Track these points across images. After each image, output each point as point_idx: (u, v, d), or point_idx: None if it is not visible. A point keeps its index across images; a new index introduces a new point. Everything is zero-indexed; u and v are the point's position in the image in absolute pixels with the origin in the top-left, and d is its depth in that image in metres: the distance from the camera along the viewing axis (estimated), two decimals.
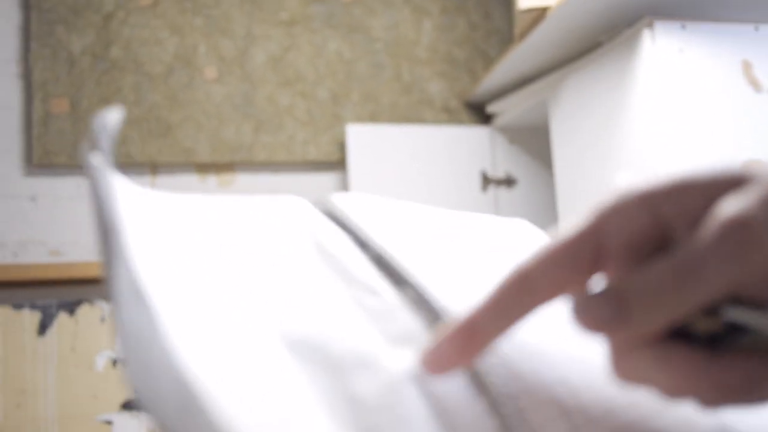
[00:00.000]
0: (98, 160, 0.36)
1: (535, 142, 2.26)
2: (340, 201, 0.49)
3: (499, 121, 2.24)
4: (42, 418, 1.80)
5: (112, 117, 0.39)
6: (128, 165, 2.06)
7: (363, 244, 0.44)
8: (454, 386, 0.36)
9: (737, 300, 0.27)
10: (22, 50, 2.05)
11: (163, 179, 2.12)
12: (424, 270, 0.43)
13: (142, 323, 0.31)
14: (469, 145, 2.22)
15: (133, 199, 0.40)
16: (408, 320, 0.39)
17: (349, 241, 0.45)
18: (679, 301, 0.26)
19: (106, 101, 2.05)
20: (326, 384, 0.36)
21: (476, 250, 0.50)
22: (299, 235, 0.45)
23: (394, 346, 0.38)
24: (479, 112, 2.34)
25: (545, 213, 2.22)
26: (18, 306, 1.85)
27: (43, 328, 1.86)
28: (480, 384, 0.36)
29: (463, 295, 0.41)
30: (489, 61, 2.37)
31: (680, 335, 0.28)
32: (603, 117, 1.65)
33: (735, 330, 0.27)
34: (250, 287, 0.40)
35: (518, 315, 0.30)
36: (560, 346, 0.38)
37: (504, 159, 2.24)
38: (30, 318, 1.85)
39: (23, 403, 1.81)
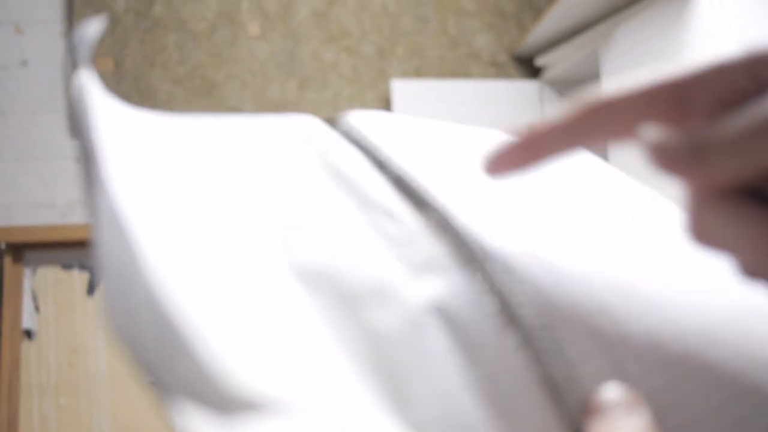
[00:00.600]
0: (82, 79, 0.33)
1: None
2: (357, 119, 0.44)
3: (548, 75, 2.18)
4: (93, 377, 1.83)
5: (90, 28, 0.36)
6: None
7: (381, 165, 0.41)
8: (480, 318, 0.33)
9: None
10: (65, 10, 2.04)
11: None
12: (448, 192, 0.39)
13: (121, 252, 0.29)
14: (517, 100, 2.17)
15: (120, 121, 0.37)
16: (431, 246, 0.36)
17: (366, 162, 0.41)
18: (763, 152, 0.25)
19: (149, 60, 2.04)
20: (340, 318, 0.34)
21: None
22: (309, 156, 0.41)
23: (415, 276, 0.35)
24: (528, 66, 2.28)
25: None
26: (67, 266, 1.87)
27: (92, 288, 1.88)
28: (510, 315, 0.33)
29: (491, 217, 0.38)
30: (538, 12, 2.30)
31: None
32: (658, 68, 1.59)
33: None
34: (252, 212, 0.38)
35: (589, 138, 0.29)
36: (600, 269, 0.35)
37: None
38: (79, 278, 1.88)
39: (75, 362, 1.84)
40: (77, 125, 0.32)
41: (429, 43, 2.22)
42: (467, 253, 0.35)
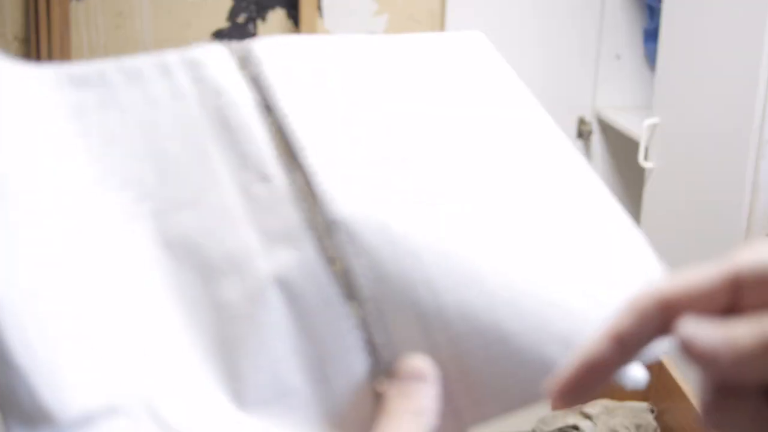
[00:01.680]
0: None
1: None
2: (263, 50, 0.43)
3: None
4: (140, 40, 1.90)
5: None
6: None
7: (269, 110, 0.40)
8: (318, 288, 0.36)
9: None
10: None
11: None
12: (323, 150, 0.39)
13: None
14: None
15: None
16: (290, 214, 0.37)
17: (254, 107, 0.40)
18: None
19: None
20: (194, 292, 0.35)
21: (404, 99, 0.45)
22: (195, 100, 0.40)
23: (269, 246, 0.36)
24: None
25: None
26: None
27: None
28: (346, 284, 0.36)
29: (357, 181, 0.38)
30: None
31: None
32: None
33: None
34: (127, 171, 0.38)
35: (611, 371, 0.30)
36: (437, 245, 0.37)
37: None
38: None
39: (122, 24, 1.89)
40: None
41: None
42: (321, 220, 0.37)
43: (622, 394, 1.48)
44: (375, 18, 2.01)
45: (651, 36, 1.98)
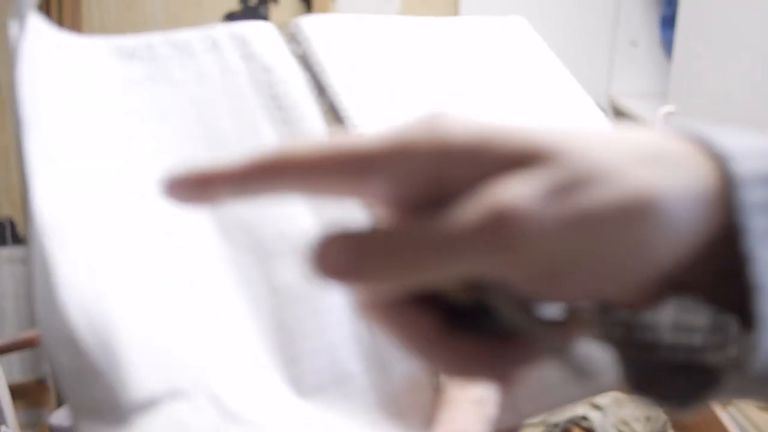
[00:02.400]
0: (15, 30, 0.34)
1: None
2: (310, 28, 0.43)
3: None
4: (151, 21, 1.89)
5: None
6: None
7: (320, 89, 0.40)
8: None
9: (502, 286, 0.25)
10: None
11: None
12: (374, 127, 0.38)
13: (42, 272, 0.30)
14: None
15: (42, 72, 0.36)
16: None
17: (304, 85, 0.40)
18: (418, 269, 0.25)
19: None
20: (252, 272, 0.35)
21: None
22: (245, 78, 0.40)
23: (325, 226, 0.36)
24: None
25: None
26: None
27: None
28: None
29: None
30: None
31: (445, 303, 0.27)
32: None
33: (491, 312, 0.27)
34: (180, 148, 0.37)
35: (261, 190, 0.28)
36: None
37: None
38: None
39: (133, 4, 1.88)
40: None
41: None
42: None
43: None
44: (388, 2, 1.99)
45: (667, 23, 1.96)
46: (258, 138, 0.39)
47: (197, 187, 0.28)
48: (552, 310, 0.27)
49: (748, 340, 0.25)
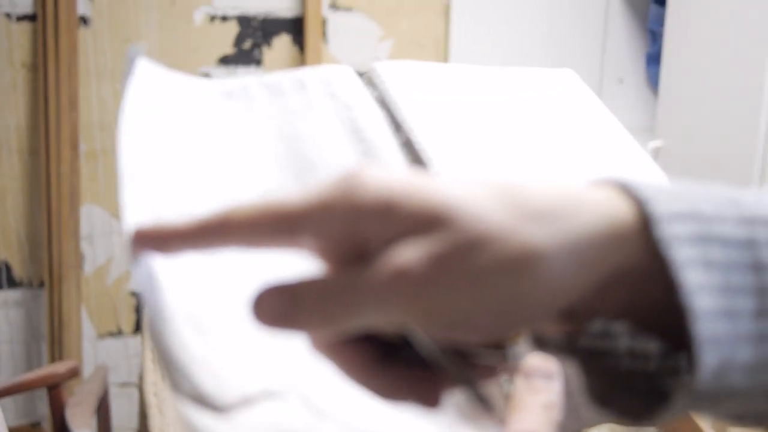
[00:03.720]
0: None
1: None
2: (385, 71, 0.47)
3: None
4: None
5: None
6: None
7: (397, 126, 0.44)
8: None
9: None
10: None
11: None
12: (447, 161, 0.42)
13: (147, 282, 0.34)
14: None
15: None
16: None
17: (382, 121, 0.44)
18: (339, 320, 0.29)
19: None
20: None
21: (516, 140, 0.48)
22: (330, 112, 0.44)
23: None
24: None
25: None
26: None
27: None
28: None
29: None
30: None
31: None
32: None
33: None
34: (271, 177, 0.41)
35: (206, 247, 0.31)
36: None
37: None
38: None
39: (128, 45, 1.91)
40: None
41: None
42: None
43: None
44: (379, 43, 2.03)
45: (653, 60, 2.00)
46: (343, 166, 0.42)
47: (155, 241, 0.32)
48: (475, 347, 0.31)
49: (690, 361, 0.28)
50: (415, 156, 0.43)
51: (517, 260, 0.27)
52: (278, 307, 0.29)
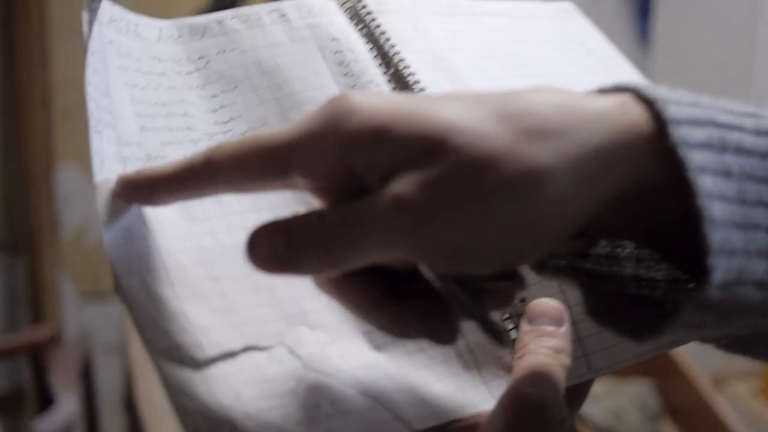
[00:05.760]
0: (86, 17, 0.36)
1: None
2: (371, 4, 0.45)
3: None
4: None
5: None
6: None
7: (386, 59, 0.42)
8: None
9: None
10: None
11: None
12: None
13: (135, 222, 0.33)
14: None
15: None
16: None
17: (369, 53, 0.42)
18: (338, 259, 0.27)
19: None
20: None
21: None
22: (317, 47, 0.42)
23: None
24: None
25: None
26: None
27: None
28: None
29: None
30: None
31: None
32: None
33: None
34: (252, 114, 0.40)
35: (195, 192, 0.31)
36: None
37: None
38: None
39: None
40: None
41: None
42: None
43: (624, 371, 1.47)
44: None
45: (644, 13, 1.97)
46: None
47: (139, 189, 0.31)
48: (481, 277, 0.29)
49: (700, 273, 0.26)
50: (406, 90, 0.41)
51: (521, 182, 0.25)
52: (274, 249, 0.28)
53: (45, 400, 1.39)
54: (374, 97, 0.27)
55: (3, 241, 1.87)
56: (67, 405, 1.30)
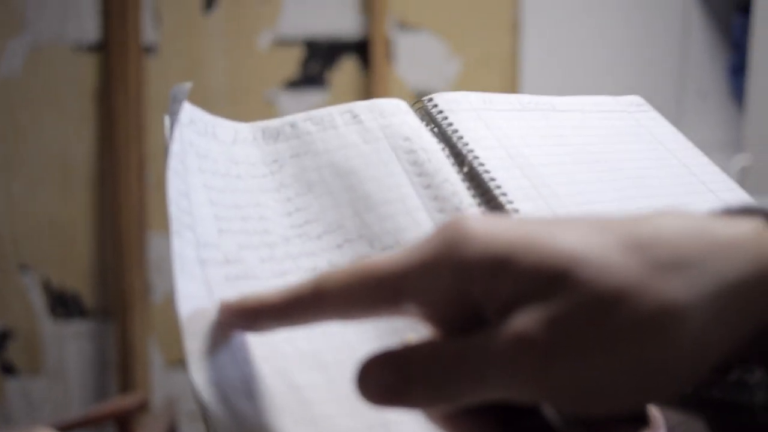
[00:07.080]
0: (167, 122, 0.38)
1: None
2: (443, 102, 0.45)
3: None
4: (214, 92, 1.91)
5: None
6: None
7: (459, 158, 0.42)
8: None
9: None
10: None
11: None
12: (517, 194, 0.41)
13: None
14: None
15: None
16: None
17: (442, 152, 0.43)
18: (455, 396, 0.26)
19: None
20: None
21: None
22: (391, 147, 0.42)
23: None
24: None
25: None
26: None
27: (209, 3, 1.88)
28: None
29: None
30: None
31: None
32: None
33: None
34: (328, 217, 0.40)
35: (300, 321, 0.29)
36: None
37: None
38: None
39: (194, 74, 1.90)
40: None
41: None
42: None
43: None
44: (447, 64, 1.98)
45: (736, 72, 1.91)
46: (403, 202, 0.40)
47: (243, 317, 0.30)
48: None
49: None
50: (481, 188, 0.41)
51: (654, 319, 0.24)
52: (387, 381, 0.26)
53: None
54: (490, 223, 0.26)
55: (95, 307, 1.92)
56: None
